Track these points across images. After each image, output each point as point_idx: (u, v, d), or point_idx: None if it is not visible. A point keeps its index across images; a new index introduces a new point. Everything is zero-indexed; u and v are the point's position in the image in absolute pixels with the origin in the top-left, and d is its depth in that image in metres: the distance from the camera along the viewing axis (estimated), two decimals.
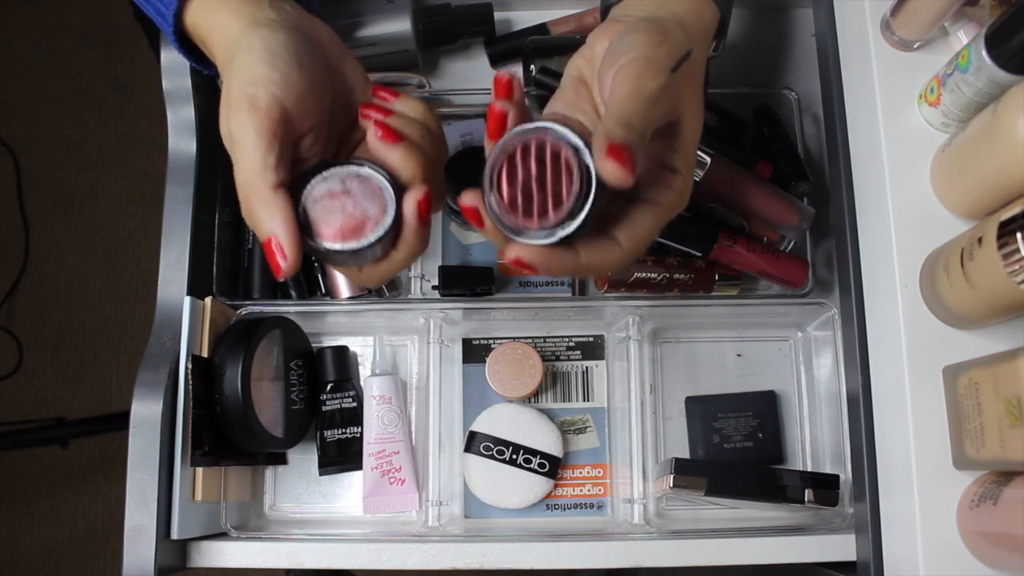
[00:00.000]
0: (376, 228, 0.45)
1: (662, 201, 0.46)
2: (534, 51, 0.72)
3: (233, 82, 0.45)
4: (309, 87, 0.45)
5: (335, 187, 0.46)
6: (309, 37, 0.48)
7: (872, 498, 0.56)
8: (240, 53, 0.45)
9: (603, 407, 0.71)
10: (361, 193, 0.45)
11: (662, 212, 0.46)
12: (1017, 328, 0.52)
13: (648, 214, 0.45)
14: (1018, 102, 0.46)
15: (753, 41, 0.79)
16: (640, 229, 0.45)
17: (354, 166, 0.46)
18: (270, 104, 0.44)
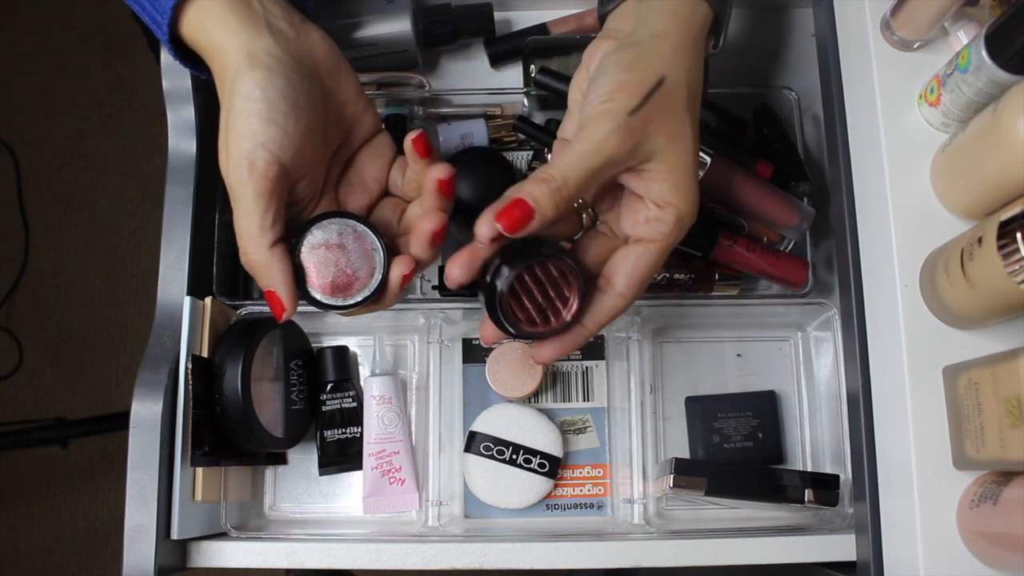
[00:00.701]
0: (362, 290, 0.49)
1: (656, 237, 0.47)
2: (534, 51, 0.72)
3: (232, 131, 0.46)
4: (306, 136, 0.47)
5: (331, 239, 0.49)
6: (306, 68, 0.48)
7: (872, 498, 0.56)
8: (238, 98, 0.46)
9: (603, 407, 0.71)
10: (355, 250, 0.49)
11: (658, 248, 0.47)
12: (1017, 328, 0.52)
13: (643, 255, 0.47)
14: (1018, 102, 0.46)
15: (753, 41, 0.79)
16: (636, 272, 0.47)
17: (352, 221, 0.49)
18: (268, 163, 0.45)
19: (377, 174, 0.52)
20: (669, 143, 0.46)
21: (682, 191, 0.46)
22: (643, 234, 0.47)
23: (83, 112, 1.67)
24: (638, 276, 0.47)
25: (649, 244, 0.47)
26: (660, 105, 0.45)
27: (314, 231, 0.49)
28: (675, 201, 0.46)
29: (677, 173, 0.46)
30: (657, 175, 0.46)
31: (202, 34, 0.48)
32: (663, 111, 0.46)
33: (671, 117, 0.46)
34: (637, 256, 0.47)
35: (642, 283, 0.48)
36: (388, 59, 0.74)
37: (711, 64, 0.71)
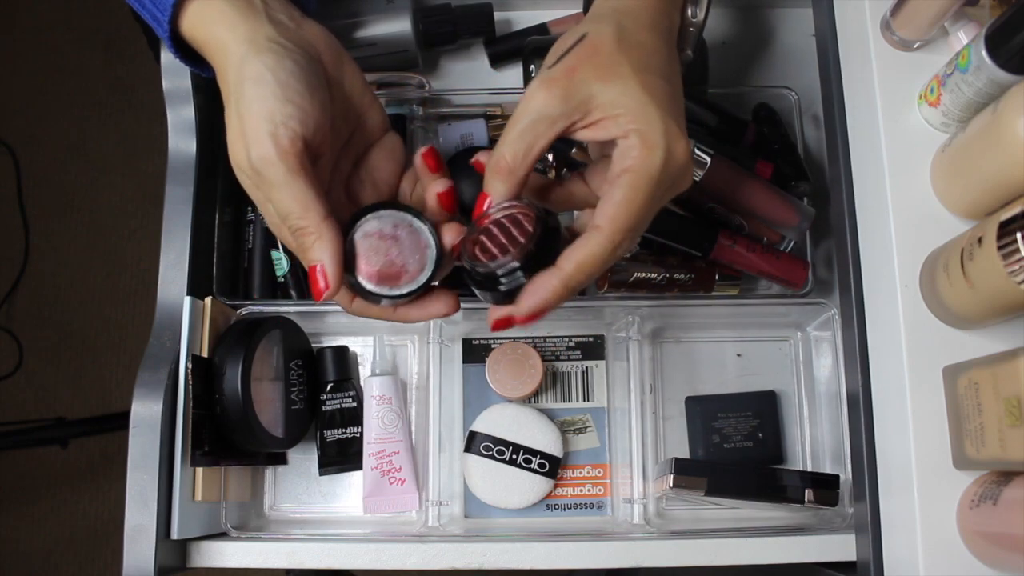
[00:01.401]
0: (410, 283, 0.47)
1: (628, 166, 0.44)
2: (534, 51, 0.72)
3: (248, 116, 0.45)
4: (322, 113, 0.46)
5: (386, 229, 0.48)
6: (310, 55, 0.48)
7: (872, 498, 0.56)
8: (249, 83, 0.45)
9: (603, 407, 0.71)
10: (408, 244, 0.48)
11: (633, 178, 0.44)
12: (1017, 328, 0.52)
13: (619, 186, 0.44)
14: (1018, 102, 0.46)
15: (753, 41, 0.79)
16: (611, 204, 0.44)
17: (410, 216, 0.48)
18: (292, 140, 0.44)
19: (389, 177, 0.52)
20: (604, 85, 0.45)
21: (638, 115, 0.44)
22: (616, 170, 0.45)
23: (83, 112, 1.67)
24: (612, 208, 0.44)
25: (623, 175, 0.44)
26: (584, 55, 0.45)
27: (370, 219, 0.48)
28: (635, 126, 0.44)
29: (624, 105, 0.44)
30: (607, 116, 0.45)
31: (203, 29, 0.48)
32: (589, 59, 0.45)
33: (599, 61, 0.45)
34: (612, 189, 0.44)
35: (618, 218, 0.44)
36: (388, 59, 0.74)
37: (711, 64, 0.71)
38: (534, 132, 0.45)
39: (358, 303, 0.49)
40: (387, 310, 0.49)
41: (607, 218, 0.44)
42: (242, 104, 0.45)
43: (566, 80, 0.45)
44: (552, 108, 0.44)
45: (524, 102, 0.45)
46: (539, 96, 0.45)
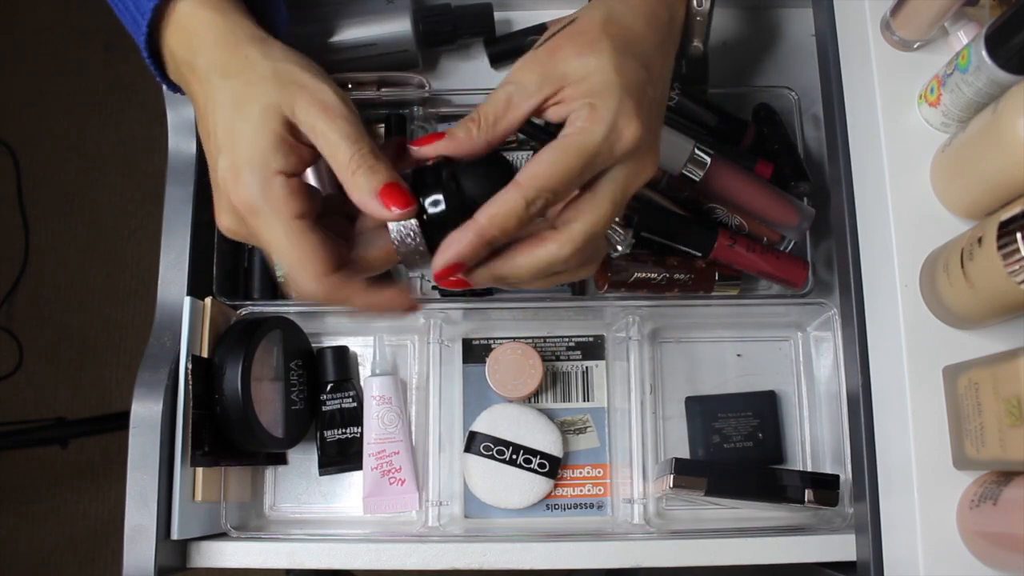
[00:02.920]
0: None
1: (567, 132, 0.44)
2: None
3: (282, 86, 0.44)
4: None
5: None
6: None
7: (872, 498, 0.56)
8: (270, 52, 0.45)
9: (603, 407, 0.71)
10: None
11: (569, 141, 0.43)
12: (1017, 328, 0.52)
13: (552, 146, 0.44)
14: (1018, 102, 0.46)
15: (753, 41, 0.79)
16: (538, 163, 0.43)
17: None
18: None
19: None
20: (580, 59, 0.45)
21: (598, 92, 0.44)
22: (560, 135, 0.44)
23: (83, 112, 1.67)
24: (534, 167, 0.43)
25: (559, 140, 0.44)
26: (569, 35, 0.46)
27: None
28: (590, 99, 0.44)
29: (589, 79, 0.44)
30: (572, 90, 0.44)
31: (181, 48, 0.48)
32: (573, 39, 0.46)
33: (582, 43, 0.45)
34: (544, 149, 0.44)
35: (537, 176, 0.43)
36: (388, 59, 0.74)
37: (711, 64, 0.71)
38: (508, 102, 0.45)
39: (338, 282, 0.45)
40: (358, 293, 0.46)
41: (527, 174, 0.43)
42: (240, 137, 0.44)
43: (547, 58, 0.45)
44: (530, 82, 0.45)
45: (505, 79, 0.46)
46: (520, 72, 0.45)
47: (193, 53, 0.46)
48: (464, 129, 0.45)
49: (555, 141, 0.44)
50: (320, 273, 0.43)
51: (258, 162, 0.43)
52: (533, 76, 0.45)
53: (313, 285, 0.43)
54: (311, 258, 0.43)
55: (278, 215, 0.43)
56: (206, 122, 0.46)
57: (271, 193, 0.43)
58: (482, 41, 0.77)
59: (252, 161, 0.43)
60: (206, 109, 0.46)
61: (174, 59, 0.48)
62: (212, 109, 0.45)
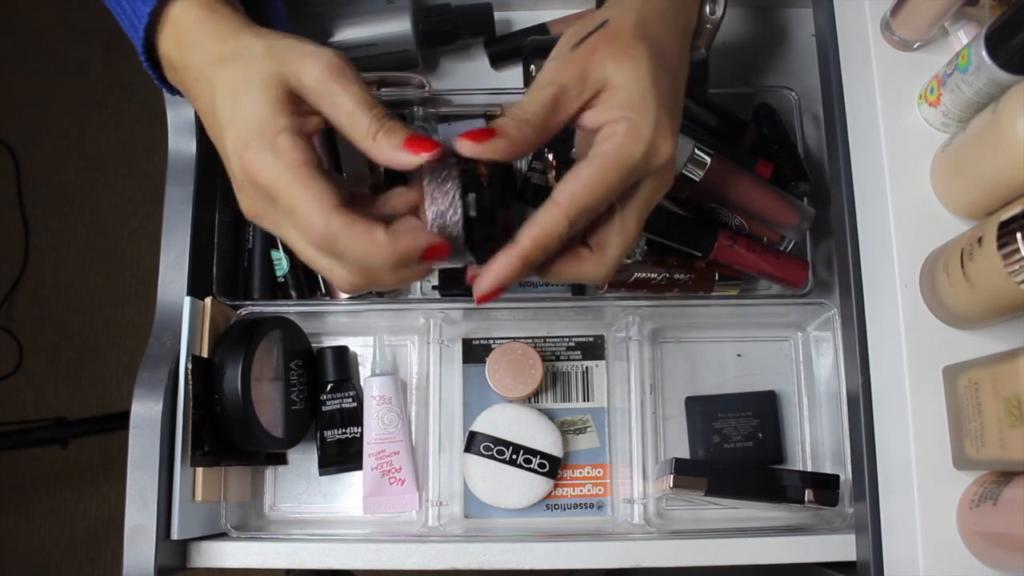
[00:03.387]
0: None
1: (606, 148, 0.44)
2: (534, 51, 0.72)
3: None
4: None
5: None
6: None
7: (872, 498, 0.56)
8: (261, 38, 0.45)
9: (603, 407, 0.71)
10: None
11: (604, 160, 0.44)
12: (1017, 328, 0.52)
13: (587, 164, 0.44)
14: (1018, 102, 0.46)
15: (753, 41, 0.79)
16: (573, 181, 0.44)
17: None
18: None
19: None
20: (617, 64, 0.45)
21: (636, 104, 0.44)
22: (595, 149, 0.45)
23: (83, 112, 1.67)
24: (574, 185, 0.43)
25: (597, 157, 0.44)
26: (605, 38, 0.46)
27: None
28: (628, 113, 0.44)
29: (628, 89, 0.45)
30: (610, 96, 0.45)
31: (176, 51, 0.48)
32: (609, 43, 0.46)
33: (619, 47, 0.46)
34: (582, 166, 0.44)
35: (578, 196, 0.43)
36: (388, 59, 0.74)
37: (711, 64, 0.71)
38: (557, 105, 0.44)
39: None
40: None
41: (567, 194, 0.43)
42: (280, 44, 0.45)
43: (586, 60, 0.45)
44: (573, 84, 0.45)
45: (545, 77, 0.45)
46: (561, 72, 0.45)
47: (186, 51, 0.46)
48: (518, 130, 0.43)
49: (594, 157, 0.44)
50: (331, 207, 0.42)
51: (261, 128, 0.43)
52: (575, 78, 0.45)
53: (323, 222, 0.42)
54: (321, 195, 0.42)
55: (285, 163, 0.42)
56: (208, 114, 0.46)
57: (277, 147, 0.43)
58: (482, 41, 0.77)
59: (256, 129, 0.43)
60: (206, 101, 0.46)
61: (169, 62, 0.48)
62: (212, 98, 0.45)
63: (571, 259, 0.47)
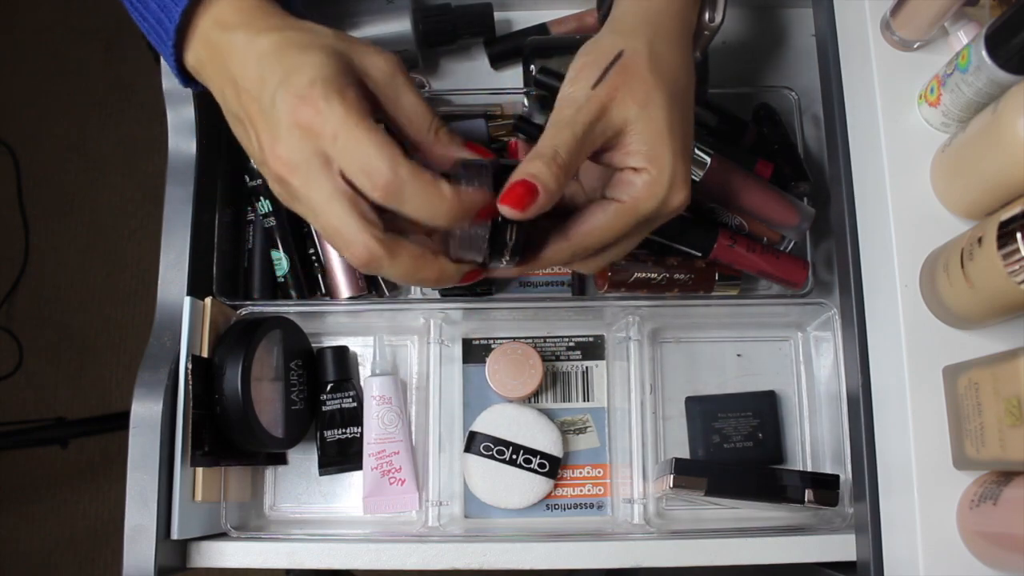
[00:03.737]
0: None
1: (623, 198, 0.47)
2: (534, 51, 0.72)
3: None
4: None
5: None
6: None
7: (872, 498, 0.56)
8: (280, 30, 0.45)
9: (603, 407, 0.71)
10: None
11: (621, 208, 0.47)
12: (1017, 328, 0.52)
13: (602, 209, 0.47)
14: (1018, 102, 0.46)
15: (753, 41, 0.79)
16: (587, 223, 0.47)
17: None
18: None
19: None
20: (641, 110, 0.46)
21: (655, 158, 0.46)
22: (612, 194, 0.47)
23: (83, 112, 1.67)
24: (587, 227, 0.47)
25: (611, 203, 0.47)
26: (624, 74, 0.46)
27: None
28: (648, 166, 0.46)
29: (650, 141, 0.46)
30: (630, 142, 0.46)
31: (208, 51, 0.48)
32: (629, 80, 0.46)
33: (638, 85, 0.46)
34: (596, 209, 0.47)
35: (589, 235, 0.47)
36: None
37: (711, 64, 0.71)
38: (583, 143, 0.45)
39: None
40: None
41: (580, 233, 0.47)
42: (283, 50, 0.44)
43: (608, 101, 0.46)
44: (595, 127, 0.46)
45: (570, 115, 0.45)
46: (586, 109, 0.45)
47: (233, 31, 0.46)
48: (555, 181, 0.44)
49: (610, 205, 0.47)
50: (399, 155, 0.42)
51: (331, 77, 0.43)
52: (600, 120, 0.46)
53: (391, 167, 0.41)
54: (389, 144, 0.42)
55: (353, 109, 0.42)
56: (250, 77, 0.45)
57: (347, 96, 0.43)
58: (482, 41, 0.77)
59: (324, 76, 0.43)
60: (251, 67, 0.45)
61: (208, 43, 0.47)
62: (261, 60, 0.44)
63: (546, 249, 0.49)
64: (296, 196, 0.45)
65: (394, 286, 0.73)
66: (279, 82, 0.43)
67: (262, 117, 0.44)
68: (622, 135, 0.47)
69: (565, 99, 0.47)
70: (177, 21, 0.47)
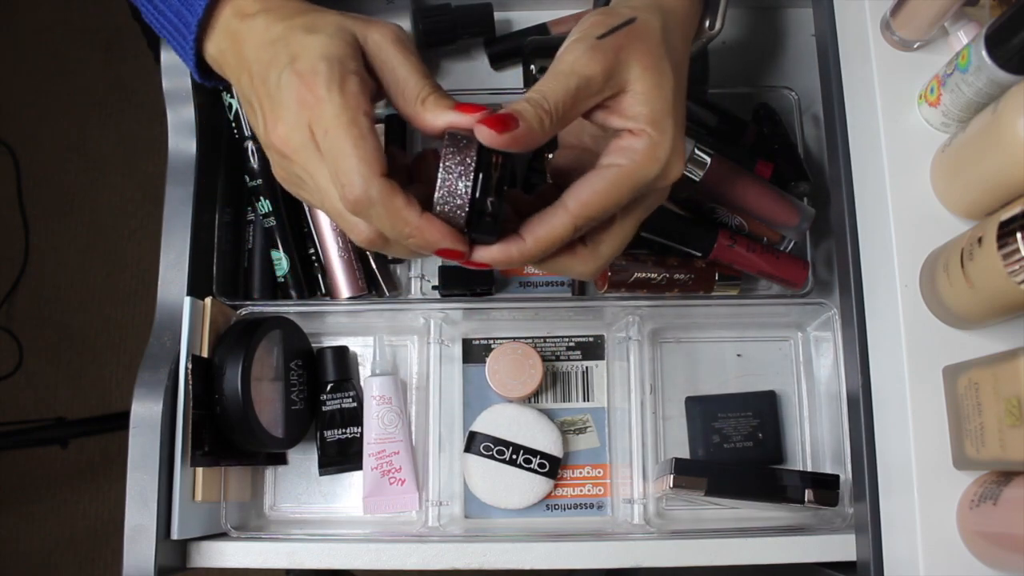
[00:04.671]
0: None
1: (622, 162, 0.45)
2: (534, 51, 0.72)
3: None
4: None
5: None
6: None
7: (872, 498, 0.56)
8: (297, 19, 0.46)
9: (603, 407, 0.71)
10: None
11: (620, 172, 0.44)
12: (1017, 328, 0.52)
13: (602, 175, 0.44)
14: (1018, 102, 0.46)
15: (753, 41, 0.79)
16: (587, 190, 0.44)
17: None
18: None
19: None
20: (644, 71, 0.45)
21: (658, 122, 0.45)
22: (610, 160, 0.45)
23: (83, 112, 1.67)
24: (587, 194, 0.44)
25: (610, 167, 0.45)
26: (633, 36, 0.45)
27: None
28: (648, 129, 0.44)
29: (652, 103, 0.45)
30: (632, 104, 0.45)
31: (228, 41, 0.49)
32: (637, 42, 0.45)
33: (646, 50, 0.45)
34: (595, 176, 0.44)
35: (590, 202, 0.44)
36: None
37: (711, 64, 0.71)
38: (578, 97, 0.44)
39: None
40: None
41: (579, 202, 0.44)
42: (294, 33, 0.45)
43: (614, 57, 0.44)
44: (597, 77, 0.44)
45: (571, 61, 0.44)
46: (586, 60, 0.44)
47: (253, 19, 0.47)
48: (538, 120, 0.43)
49: (608, 170, 0.44)
50: (376, 171, 0.42)
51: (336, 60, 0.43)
52: (601, 72, 0.44)
53: (363, 184, 0.42)
54: (370, 155, 0.42)
55: (348, 104, 0.43)
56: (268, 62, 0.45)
57: (346, 87, 0.43)
58: (482, 41, 0.77)
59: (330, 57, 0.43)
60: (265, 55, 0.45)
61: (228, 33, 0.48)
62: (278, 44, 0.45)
63: (565, 253, 0.47)
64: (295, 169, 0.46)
65: (394, 286, 0.73)
66: (286, 63, 0.44)
67: (268, 97, 0.45)
68: (622, 95, 0.45)
69: (567, 48, 0.45)
70: (200, 15, 0.48)
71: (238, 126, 0.69)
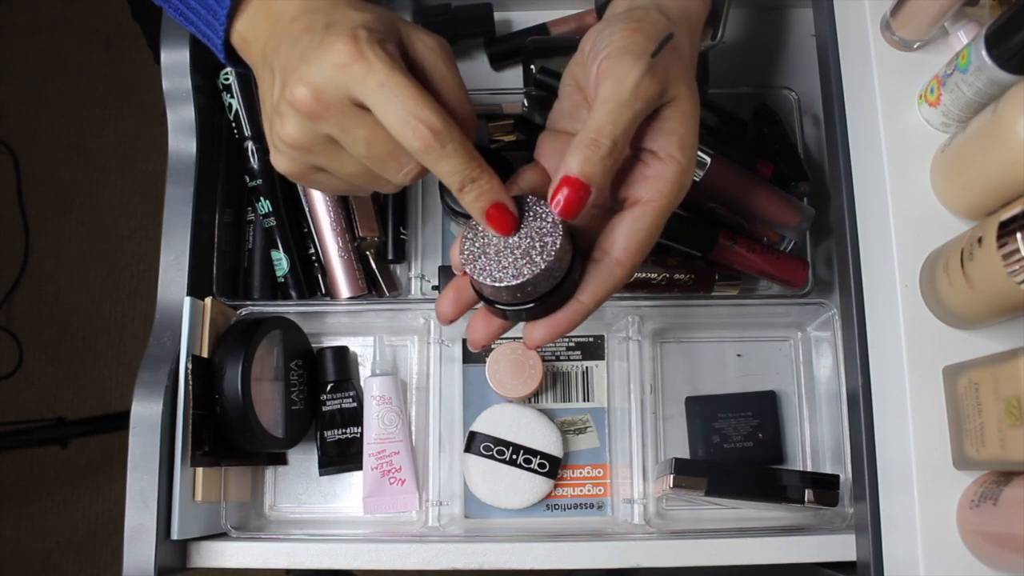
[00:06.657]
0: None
1: (654, 196, 0.44)
2: (534, 51, 0.72)
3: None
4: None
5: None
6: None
7: (872, 498, 0.56)
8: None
9: (603, 407, 0.71)
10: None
11: (657, 208, 0.44)
12: (1017, 328, 0.52)
13: (641, 216, 0.44)
14: (1018, 102, 0.46)
15: (753, 41, 0.79)
16: (635, 236, 0.44)
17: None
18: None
19: None
20: (688, 91, 0.45)
21: (687, 148, 0.44)
22: (641, 194, 0.44)
23: (83, 112, 1.67)
24: (636, 240, 0.44)
25: (647, 205, 0.44)
26: (674, 57, 0.45)
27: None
28: (679, 156, 0.44)
29: (687, 126, 0.44)
30: (669, 125, 0.44)
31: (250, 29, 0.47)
32: (676, 60, 0.45)
33: (684, 69, 0.45)
34: (635, 219, 0.44)
35: (641, 249, 0.44)
36: None
37: (711, 64, 0.71)
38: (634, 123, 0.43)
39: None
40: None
41: (630, 252, 0.44)
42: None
43: (664, 74, 0.44)
44: (654, 102, 0.43)
45: (634, 85, 0.42)
46: (647, 83, 0.42)
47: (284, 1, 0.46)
48: (603, 169, 0.42)
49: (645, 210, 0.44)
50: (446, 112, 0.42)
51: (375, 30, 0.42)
52: (657, 96, 0.43)
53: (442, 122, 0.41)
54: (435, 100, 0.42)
55: (397, 63, 0.41)
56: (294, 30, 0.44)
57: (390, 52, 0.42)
58: (482, 41, 0.77)
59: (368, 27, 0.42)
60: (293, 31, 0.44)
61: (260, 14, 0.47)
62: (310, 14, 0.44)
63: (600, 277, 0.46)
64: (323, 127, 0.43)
65: (394, 286, 0.73)
66: (322, 27, 0.42)
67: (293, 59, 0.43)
68: (663, 112, 0.44)
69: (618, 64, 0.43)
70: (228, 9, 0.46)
71: (238, 126, 0.69)
